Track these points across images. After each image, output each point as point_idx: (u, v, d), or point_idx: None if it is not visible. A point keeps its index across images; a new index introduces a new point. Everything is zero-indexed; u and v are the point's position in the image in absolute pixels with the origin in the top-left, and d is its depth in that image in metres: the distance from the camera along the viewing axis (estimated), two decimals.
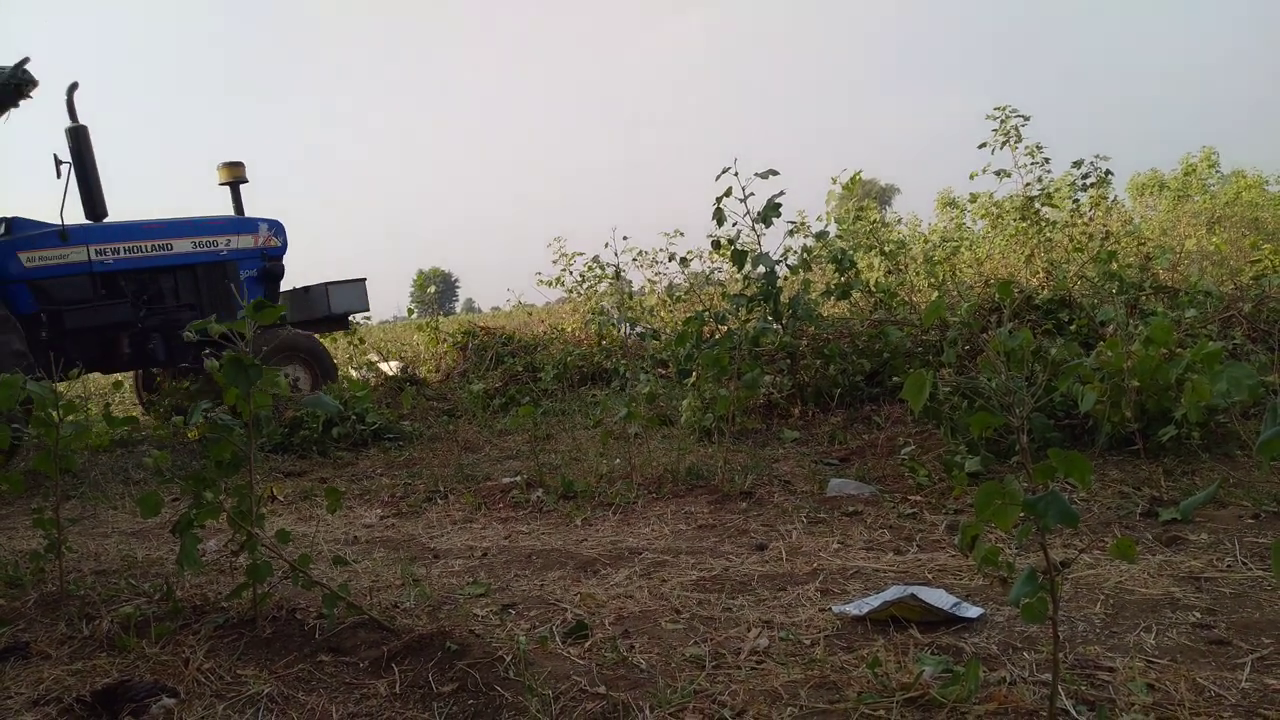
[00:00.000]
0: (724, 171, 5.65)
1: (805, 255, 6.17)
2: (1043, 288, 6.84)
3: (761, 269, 5.76)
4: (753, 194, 5.73)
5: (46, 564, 3.20)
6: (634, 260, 12.07)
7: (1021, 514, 1.60)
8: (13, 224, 6.95)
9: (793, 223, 6.25)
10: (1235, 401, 3.45)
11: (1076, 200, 9.94)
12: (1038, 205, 9.65)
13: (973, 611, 2.40)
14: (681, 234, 11.70)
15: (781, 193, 5.76)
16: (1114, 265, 6.21)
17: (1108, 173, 9.86)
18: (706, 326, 5.73)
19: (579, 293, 11.83)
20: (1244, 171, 17.79)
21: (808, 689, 2.04)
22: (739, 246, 5.86)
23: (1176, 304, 5.58)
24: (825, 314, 6.40)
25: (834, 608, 2.54)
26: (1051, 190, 9.80)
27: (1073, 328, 5.32)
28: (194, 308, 7.73)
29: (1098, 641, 2.20)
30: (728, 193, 5.67)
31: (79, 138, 6.62)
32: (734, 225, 5.83)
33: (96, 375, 8.59)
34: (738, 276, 6.40)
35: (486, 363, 9.06)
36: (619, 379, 7.90)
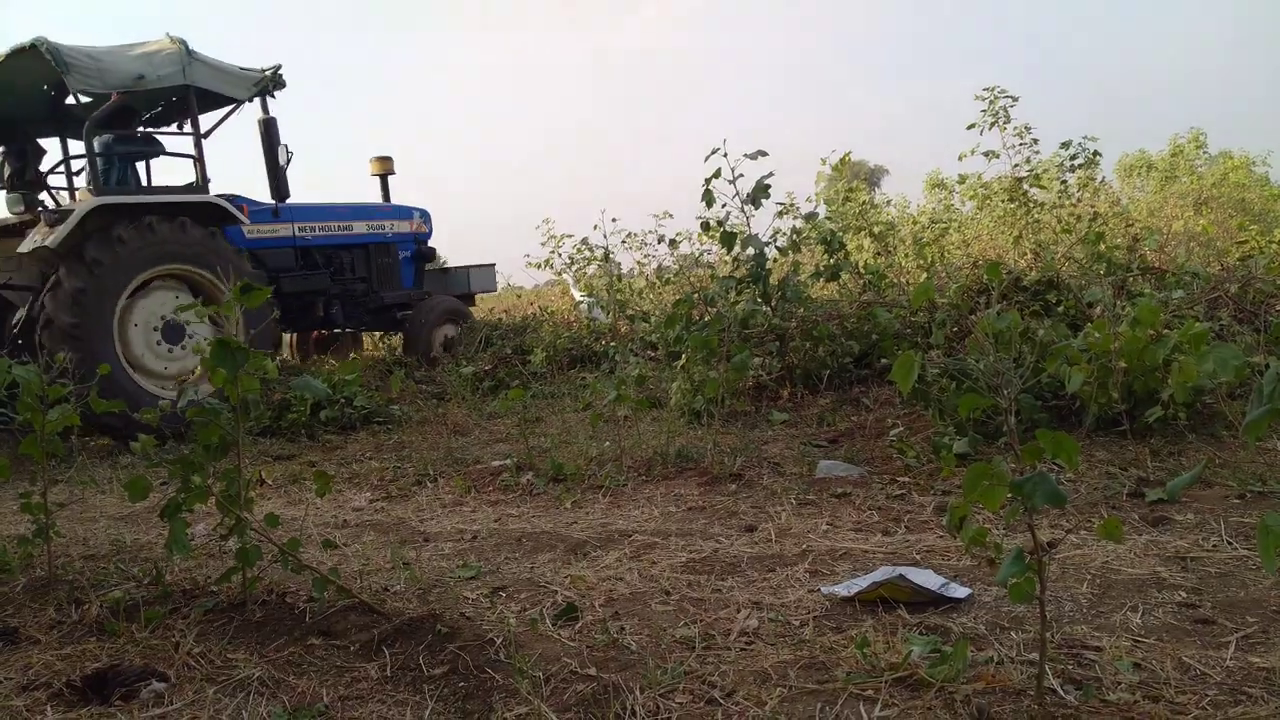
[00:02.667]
0: (713, 152, 5.64)
1: (794, 237, 6.16)
2: (1030, 269, 6.85)
3: (750, 250, 5.76)
4: (741, 175, 5.73)
5: (34, 549, 3.18)
6: (623, 242, 12.07)
7: (1009, 495, 1.61)
8: (233, 200, 7.42)
9: (782, 204, 6.25)
10: (1221, 382, 3.49)
11: (1064, 181, 9.97)
12: (1026, 186, 9.67)
13: (961, 592, 2.42)
14: (670, 215, 11.71)
15: (770, 174, 5.75)
16: (1102, 246, 6.22)
17: (1096, 154, 9.90)
18: (695, 309, 5.73)
19: (568, 274, 11.82)
20: (1231, 153, 17.79)
21: (797, 669, 2.05)
22: (728, 228, 5.85)
23: (1164, 285, 5.59)
24: (814, 296, 6.40)
25: (823, 589, 2.55)
26: (1040, 171, 9.82)
27: (1060, 309, 5.33)
28: (365, 280, 8.76)
29: (1084, 621, 2.22)
30: (717, 174, 5.66)
31: (269, 127, 7.24)
32: (723, 207, 5.82)
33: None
34: (727, 258, 6.40)
35: (475, 345, 9.04)
36: (608, 362, 7.88)
